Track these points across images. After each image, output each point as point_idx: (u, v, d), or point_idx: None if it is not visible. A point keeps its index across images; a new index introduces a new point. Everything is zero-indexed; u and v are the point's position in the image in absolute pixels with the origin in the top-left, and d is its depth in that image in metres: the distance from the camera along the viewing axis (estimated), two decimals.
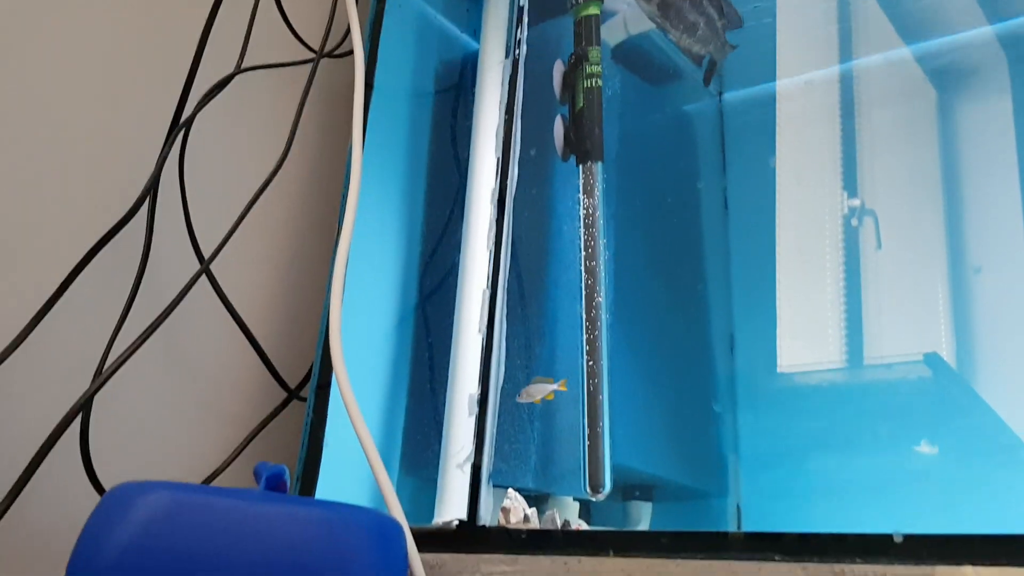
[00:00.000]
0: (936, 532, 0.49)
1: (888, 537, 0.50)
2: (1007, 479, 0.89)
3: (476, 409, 0.73)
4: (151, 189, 0.76)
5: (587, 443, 0.76)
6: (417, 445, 0.82)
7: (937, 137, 1.09)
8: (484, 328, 0.76)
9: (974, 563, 0.46)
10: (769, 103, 1.07)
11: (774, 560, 0.52)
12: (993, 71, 1.06)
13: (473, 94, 0.87)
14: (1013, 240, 0.98)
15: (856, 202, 1.07)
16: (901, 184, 1.09)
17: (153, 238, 0.77)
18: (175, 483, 0.53)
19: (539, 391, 0.74)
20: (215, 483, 0.79)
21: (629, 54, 0.93)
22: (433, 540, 0.69)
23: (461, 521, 0.70)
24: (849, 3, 1.08)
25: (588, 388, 0.78)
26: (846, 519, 0.89)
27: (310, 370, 0.83)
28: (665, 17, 0.82)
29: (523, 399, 0.73)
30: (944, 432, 0.92)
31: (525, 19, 0.83)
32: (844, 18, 1.09)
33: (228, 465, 0.81)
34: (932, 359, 0.96)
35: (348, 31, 0.85)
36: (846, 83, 1.10)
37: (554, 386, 0.74)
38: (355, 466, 0.68)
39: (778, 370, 1.01)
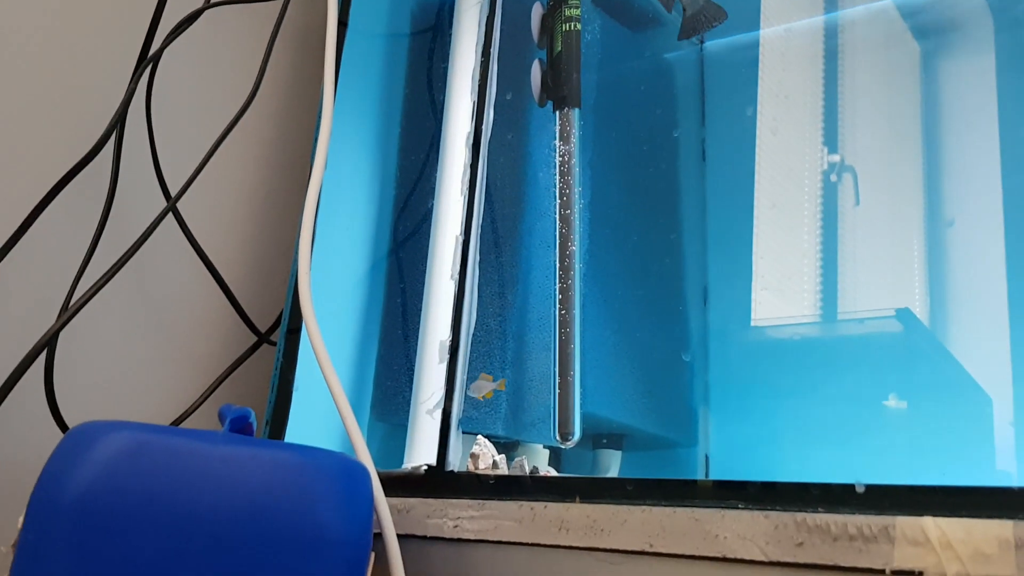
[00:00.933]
0: (897, 483, 0.49)
1: (850, 487, 0.51)
2: (973, 434, 0.90)
3: (447, 356, 0.73)
4: (117, 124, 0.74)
5: (557, 391, 0.76)
6: (388, 391, 0.82)
7: (919, 92, 1.08)
8: (457, 274, 0.76)
9: (934, 514, 0.46)
10: (752, 53, 1.05)
11: (737, 508, 0.52)
12: (977, 27, 1.05)
13: (450, 36, 0.85)
14: (987, 195, 0.98)
15: (836, 158, 1.07)
16: (881, 140, 1.09)
17: (120, 175, 0.75)
18: (138, 423, 0.52)
19: (482, 388, 0.74)
20: (182, 426, 0.79)
21: None
22: (402, 485, 0.69)
23: (430, 466, 0.70)
24: None
25: (560, 337, 0.78)
26: (814, 470, 0.90)
27: (281, 314, 0.83)
28: None
29: (471, 392, 0.73)
30: (913, 386, 0.93)
31: None
32: None
33: (196, 408, 0.80)
34: (904, 314, 0.97)
35: None
36: (830, 34, 1.09)
37: (493, 385, 0.74)
38: (325, 411, 0.68)
39: (752, 323, 1.01)
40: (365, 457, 0.59)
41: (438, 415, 0.72)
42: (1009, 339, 0.93)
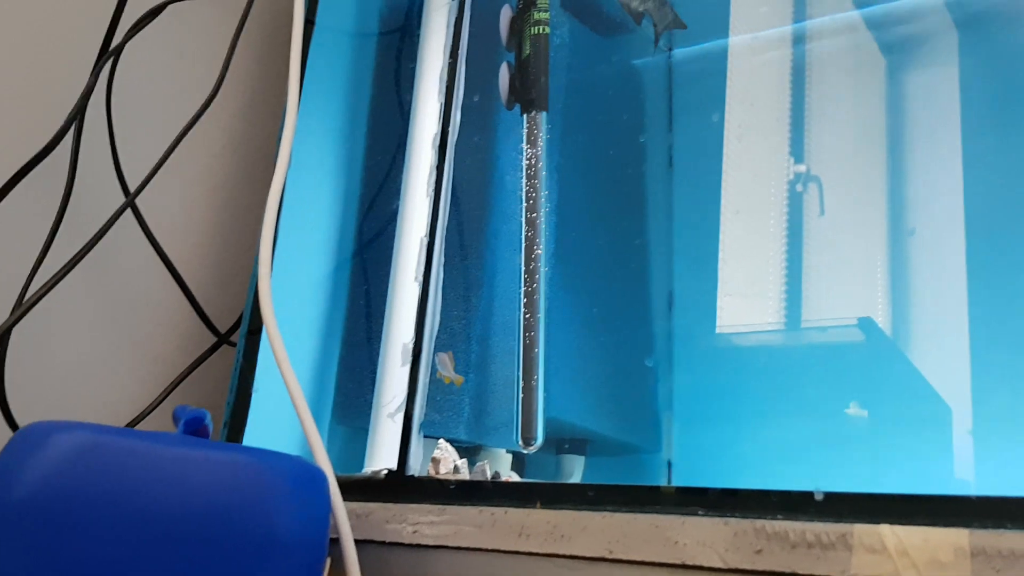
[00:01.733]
0: (856, 491, 0.49)
1: (809, 495, 0.51)
2: (932, 443, 0.91)
3: (410, 359, 0.72)
4: (75, 118, 0.73)
5: (521, 395, 0.76)
6: (350, 394, 0.81)
7: (884, 104, 1.09)
8: (421, 277, 0.75)
9: (892, 522, 0.46)
10: (720, 61, 1.06)
11: (697, 515, 0.52)
12: (942, 42, 1.06)
13: (419, 37, 0.85)
14: (949, 206, 0.99)
15: (802, 168, 1.07)
16: (847, 150, 1.10)
17: (78, 170, 0.74)
18: (89, 424, 0.51)
19: (446, 364, 0.73)
20: (139, 427, 0.77)
21: (579, 3, 0.91)
22: (361, 489, 0.69)
23: (390, 470, 0.69)
24: None
25: (524, 341, 0.77)
26: (775, 477, 0.91)
27: (242, 314, 0.81)
28: None
29: (438, 364, 0.73)
30: (874, 395, 0.93)
31: None
32: None
33: (153, 408, 0.79)
34: (866, 323, 0.97)
35: None
36: (798, 45, 1.10)
37: (449, 371, 0.73)
38: (285, 414, 0.66)
39: (717, 330, 1.02)
40: (323, 461, 0.58)
41: (399, 419, 0.71)
42: (969, 349, 0.94)
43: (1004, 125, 0.99)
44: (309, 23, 0.84)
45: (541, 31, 0.80)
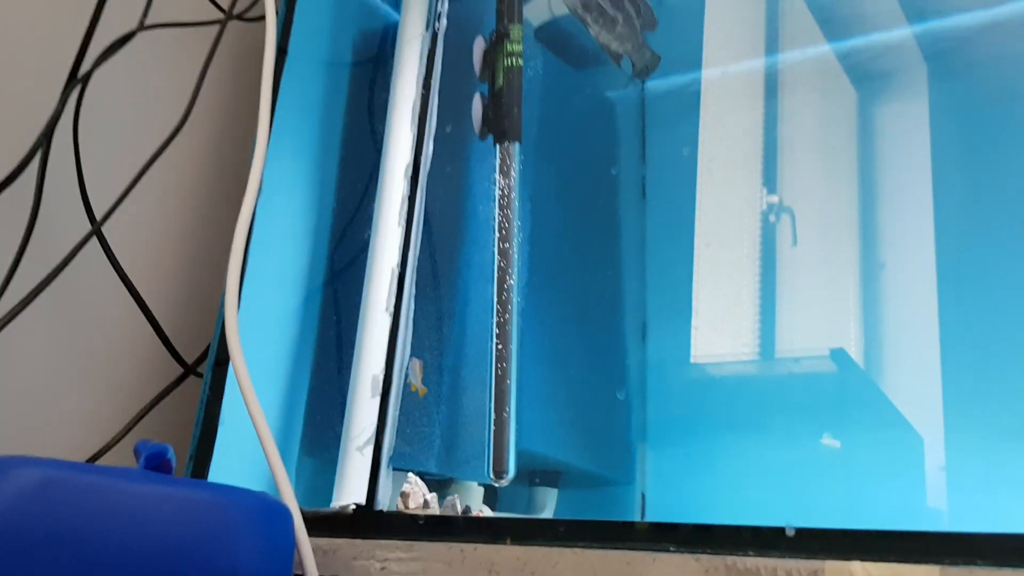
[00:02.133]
0: (827, 527, 0.49)
1: (780, 530, 0.50)
2: (905, 473, 0.91)
3: (379, 390, 0.71)
4: (41, 144, 0.71)
5: (493, 427, 0.75)
6: (318, 426, 0.80)
7: (856, 137, 1.11)
8: (392, 307, 0.74)
9: (863, 559, 0.46)
10: (693, 93, 1.07)
11: (668, 551, 0.52)
12: (912, 76, 1.08)
13: (392, 67, 0.84)
14: (920, 238, 1.00)
15: (775, 199, 1.08)
16: (819, 182, 1.11)
17: (43, 197, 0.73)
18: (46, 459, 0.50)
19: (414, 372, 0.72)
20: (102, 461, 0.76)
21: (553, 35, 0.92)
22: (329, 524, 0.67)
23: (358, 505, 0.68)
24: None
25: (496, 372, 0.76)
26: (750, 510, 0.90)
27: (209, 345, 0.80)
28: (587, 9, 0.82)
29: (409, 369, 0.72)
30: (847, 426, 0.93)
31: None
32: (772, 11, 1.09)
33: (117, 442, 0.77)
34: (838, 355, 0.98)
35: None
36: (770, 77, 1.11)
37: (416, 380, 0.73)
38: (252, 447, 0.65)
39: (691, 360, 1.02)
40: (288, 497, 0.57)
41: (368, 452, 0.70)
42: (940, 381, 0.94)
43: (973, 159, 1.00)
44: (282, 52, 0.84)
45: (514, 63, 0.80)
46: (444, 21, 0.80)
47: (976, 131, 1.01)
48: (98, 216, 0.75)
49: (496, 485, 0.75)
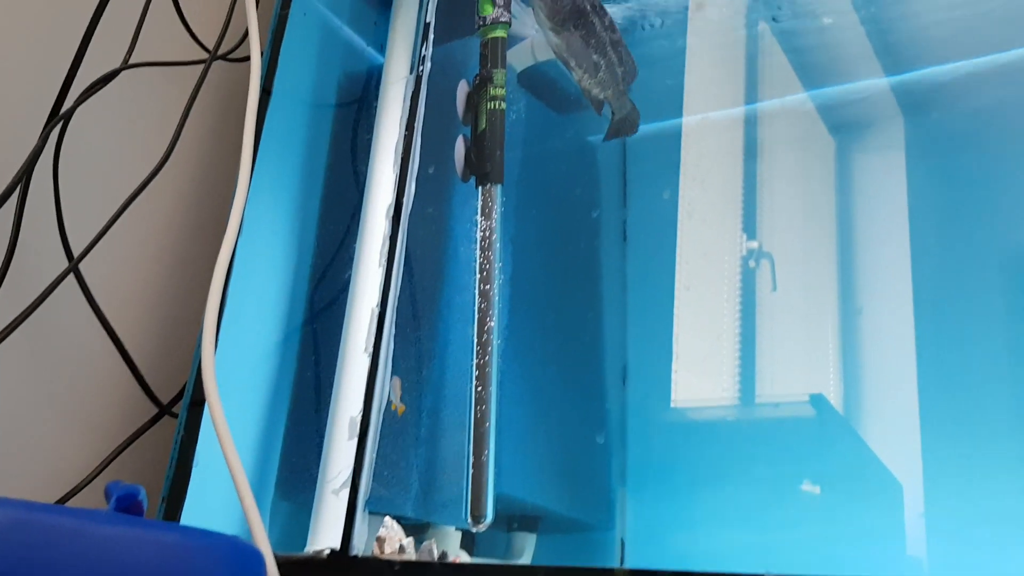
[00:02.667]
0: (804, 573, 0.49)
1: None
2: (884, 519, 0.91)
3: (357, 432, 0.70)
4: (20, 180, 0.71)
5: (471, 471, 0.74)
6: (295, 468, 0.79)
7: (834, 184, 1.12)
8: (371, 348, 0.74)
9: None
10: (674, 139, 1.08)
11: None
12: (888, 126, 1.10)
13: (376, 108, 0.85)
14: (898, 284, 1.01)
15: (754, 244, 1.09)
16: (798, 228, 1.12)
17: (21, 233, 0.72)
18: (15, 500, 0.48)
19: (395, 390, 0.72)
20: (72, 502, 0.74)
21: (535, 80, 0.93)
22: (303, 569, 0.66)
23: (333, 550, 0.67)
24: (757, 46, 1.10)
25: (475, 415, 0.76)
26: (729, 556, 0.90)
27: (185, 385, 0.79)
28: (570, 53, 0.83)
29: (391, 387, 0.71)
30: (826, 472, 0.93)
31: (431, 35, 0.82)
32: (751, 60, 1.11)
33: (88, 482, 0.76)
34: (817, 400, 0.98)
35: (246, 34, 0.82)
36: (750, 125, 1.12)
37: (395, 398, 0.72)
38: (227, 489, 0.64)
39: (672, 404, 1.01)
40: (262, 541, 0.56)
41: (344, 495, 0.69)
42: (919, 426, 0.94)
43: (949, 206, 1.02)
44: (266, 92, 0.84)
45: (497, 106, 0.81)
46: (428, 64, 0.81)
47: (952, 180, 1.03)
48: (76, 253, 0.75)
49: (474, 530, 0.74)
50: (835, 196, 1.12)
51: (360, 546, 0.67)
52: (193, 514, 0.73)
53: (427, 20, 0.82)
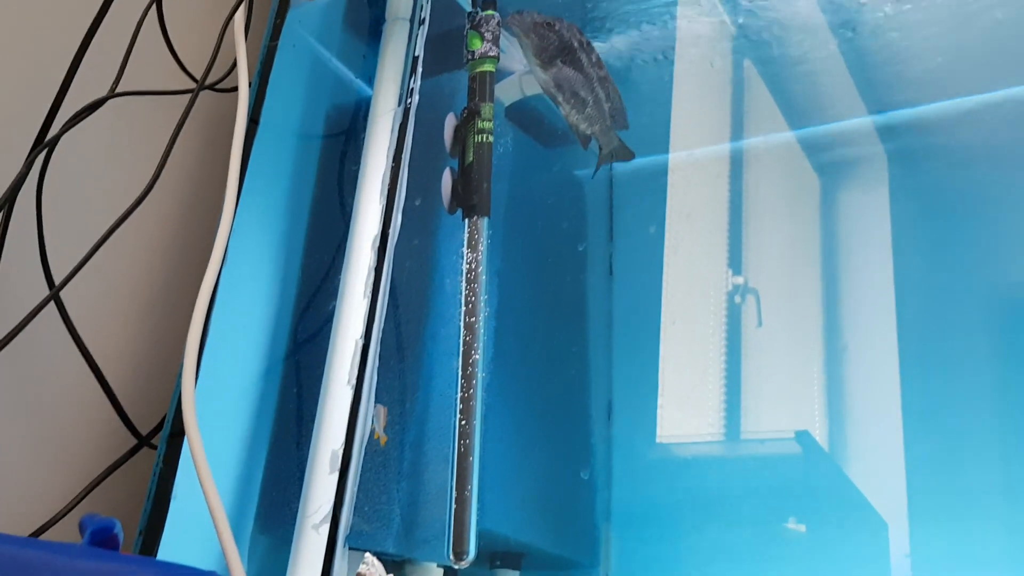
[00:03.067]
0: None
1: None
2: (869, 558, 0.90)
3: (338, 466, 0.69)
4: (3, 207, 0.71)
5: (454, 506, 0.73)
6: (274, 502, 0.77)
7: (819, 221, 1.13)
8: (354, 380, 0.73)
9: None
10: (661, 174, 1.09)
11: None
12: (872, 165, 1.11)
13: (363, 140, 0.85)
14: (882, 322, 1.01)
15: (740, 279, 1.09)
16: (783, 264, 1.12)
17: (2, 259, 0.71)
18: None
19: (379, 419, 0.71)
20: (47, 535, 0.73)
21: (523, 114, 0.93)
22: None
23: None
24: (743, 85, 1.12)
25: (459, 449, 0.75)
26: None
27: (165, 416, 0.78)
28: (559, 88, 0.83)
29: (374, 415, 0.70)
30: (811, 509, 0.93)
31: (419, 68, 0.82)
32: (737, 99, 1.12)
33: (64, 515, 0.74)
34: (803, 437, 0.98)
35: (235, 64, 0.82)
36: (735, 162, 1.13)
37: (379, 427, 0.71)
38: (204, 523, 0.63)
39: (657, 440, 1.01)
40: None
41: (324, 530, 0.68)
42: (904, 465, 0.94)
43: (932, 244, 1.03)
44: (253, 122, 0.84)
45: (484, 139, 0.81)
46: (416, 97, 0.81)
47: (935, 217, 1.04)
48: (57, 281, 0.74)
49: (456, 567, 0.73)
50: (820, 233, 1.12)
51: None
52: (171, 548, 0.72)
53: (416, 53, 0.83)
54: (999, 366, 0.94)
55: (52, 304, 0.74)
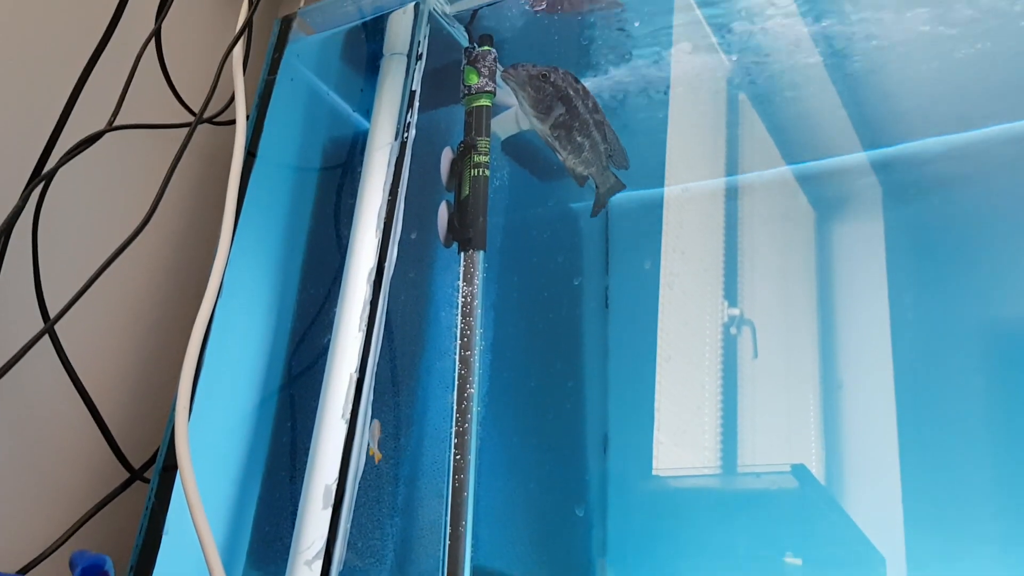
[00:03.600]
0: None
1: None
2: None
3: (331, 501, 0.69)
4: None
5: (448, 542, 0.73)
6: (267, 537, 0.77)
7: (814, 253, 1.13)
8: (348, 414, 0.73)
9: None
10: (656, 207, 1.09)
11: None
12: (867, 197, 1.11)
13: (360, 173, 0.85)
14: (878, 355, 1.01)
15: (735, 311, 1.09)
16: (778, 297, 1.12)
17: None
18: None
19: (373, 436, 0.71)
20: (36, 571, 0.72)
21: (519, 148, 0.94)
22: None
23: None
24: (738, 120, 1.12)
25: (453, 483, 0.75)
26: None
27: (158, 449, 0.78)
28: (555, 137, 0.85)
29: (369, 431, 0.70)
30: (808, 543, 0.92)
31: (416, 103, 0.83)
32: (732, 134, 1.13)
33: (54, 551, 0.73)
34: (799, 470, 0.97)
35: (233, 98, 0.83)
36: (731, 196, 1.14)
37: (374, 443, 0.71)
38: (196, 559, 0.63)
39: (653, 472, 1.00)
40: None
41: (318, 566, 0.67)
42: (901, 498, 0.94)
43: (927, 278, 1.03)
44: (250, 155, 0.84)
45: (481, 173, 0.81)
46: (413, 131, 0.82)
47: (930, 252, 1.04)
48: (52, 314, 0.74)
49: None
50: (815, 264, 1.13)
51: None
52: None
53: (412, 88, 0.83)
54: (996, 400, 0.94)
55: (46, 337, 0.74)
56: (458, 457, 0.76)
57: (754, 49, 0.99)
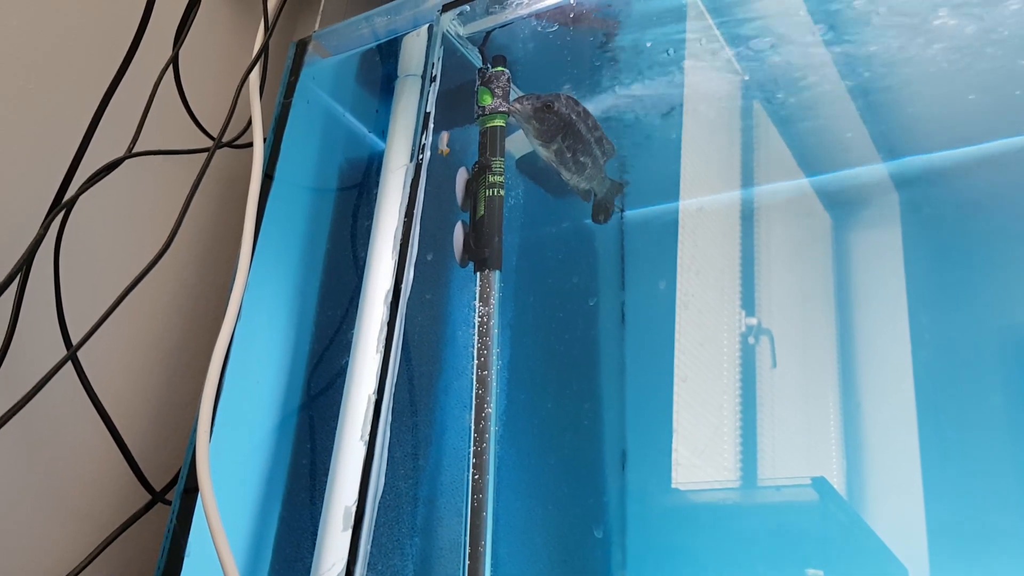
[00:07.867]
0: None
1: None
2: None
3: (352, 522, 0.69)
4: (21, 268, 0.72)
5: (467, 562, 0.73)
6: (288, 558, 0.77)
7: (831, 261, 1.13)
8: (367, 436, 0.73)
9: None
10: (672, 220, 1.09)
11: None
12: (885, 205, 1.11)
13: (376, 194, 0.86)
14: (897, 363, 1.00)
15: (753, 320, 1.09)
16: (796, 306, 1.12)
17: (20, 320, 0.72)
18: None
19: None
20: None
21: (533, 166, 0.94)
22: None
23: None
24: (753, 132, 1.12)
25: (472, 503, 0.75)
26: None
27: (179, 472, 0.79)
28: (561, 162, 0.86)
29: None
30: (830, 557, 0.92)
31: (431, 124, 0.83)
32: (747, 145, 1.13)
33: (79, 572, 0.74)
34: (820, 483, 0.97)
35: (250, 122, 0.84)
36: (747, 207, 1.13)
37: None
38: None
39: (672, 486, 1.00)
40: None
41: None
42: (924, 509, 0.93)
43: (946, 286, 1.02)
44: (268, 177, 0.85)
45: (496, 193, 0.82)
46: (428, 152, 0.82)
47: (949, 260, 1.04)
48: (74, 340, 0.75)
49: None
50: (832, 272, 1.12)
51: None
52: None
53: (427, 110, 0.84)
54: (1018, 410, 0.93)
55: (69, 363, 0.75)
56: (476, 477, 0.76)
57: (770, 61, 0.99)
